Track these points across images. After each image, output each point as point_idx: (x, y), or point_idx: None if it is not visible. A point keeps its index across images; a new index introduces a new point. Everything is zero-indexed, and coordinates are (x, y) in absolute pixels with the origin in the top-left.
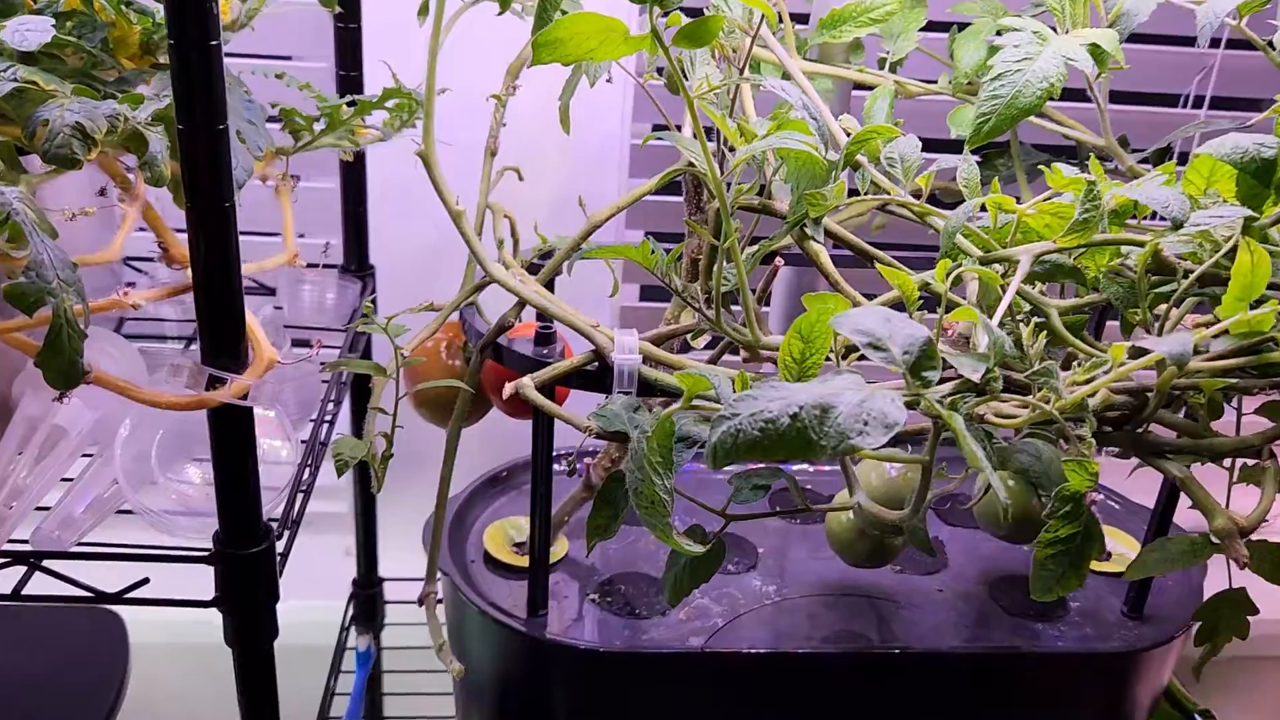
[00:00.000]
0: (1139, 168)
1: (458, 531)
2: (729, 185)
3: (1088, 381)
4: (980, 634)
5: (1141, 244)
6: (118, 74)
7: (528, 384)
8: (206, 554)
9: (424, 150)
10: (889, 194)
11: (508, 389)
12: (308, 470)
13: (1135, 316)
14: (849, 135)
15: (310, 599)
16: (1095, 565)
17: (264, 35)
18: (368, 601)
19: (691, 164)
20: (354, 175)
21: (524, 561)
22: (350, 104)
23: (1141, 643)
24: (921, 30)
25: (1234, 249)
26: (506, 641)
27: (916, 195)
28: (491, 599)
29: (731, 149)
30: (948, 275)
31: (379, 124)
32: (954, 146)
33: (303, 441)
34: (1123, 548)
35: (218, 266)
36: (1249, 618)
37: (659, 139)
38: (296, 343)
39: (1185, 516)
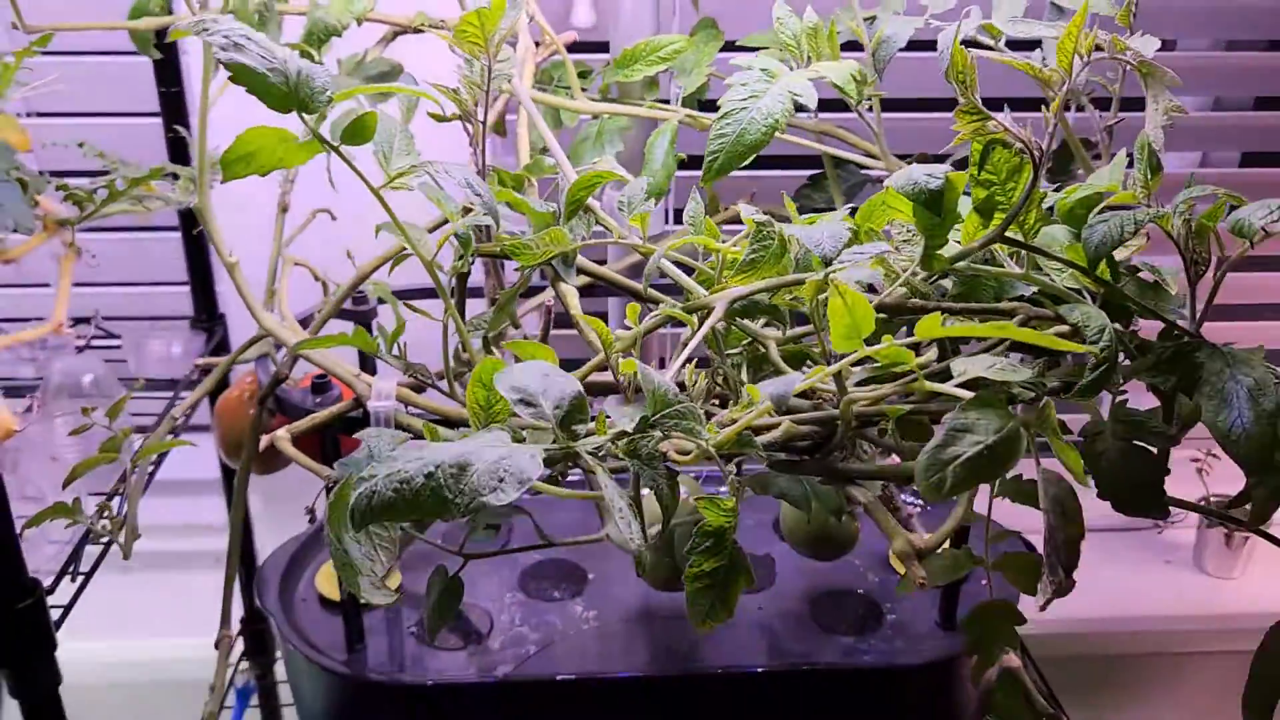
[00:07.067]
0: None
1: (294, 572)
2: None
3: (733, 422)
4: (792, 651)
5: (802, 283)
6: None
7: (282, 436)
8: None
9: (199, 205)
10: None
11: (264, 442)
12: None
13: (815, 349)
14: None
15: (194, 637)
16: None
17: (102, 89)
18: (257, 636)
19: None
20: (194, 227)
21: None
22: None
23: (948, 652)
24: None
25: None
26: (324, 677)
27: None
28: (316, 638)
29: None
30: (640, 318)
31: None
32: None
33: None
34: None
35: None
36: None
37: None
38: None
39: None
